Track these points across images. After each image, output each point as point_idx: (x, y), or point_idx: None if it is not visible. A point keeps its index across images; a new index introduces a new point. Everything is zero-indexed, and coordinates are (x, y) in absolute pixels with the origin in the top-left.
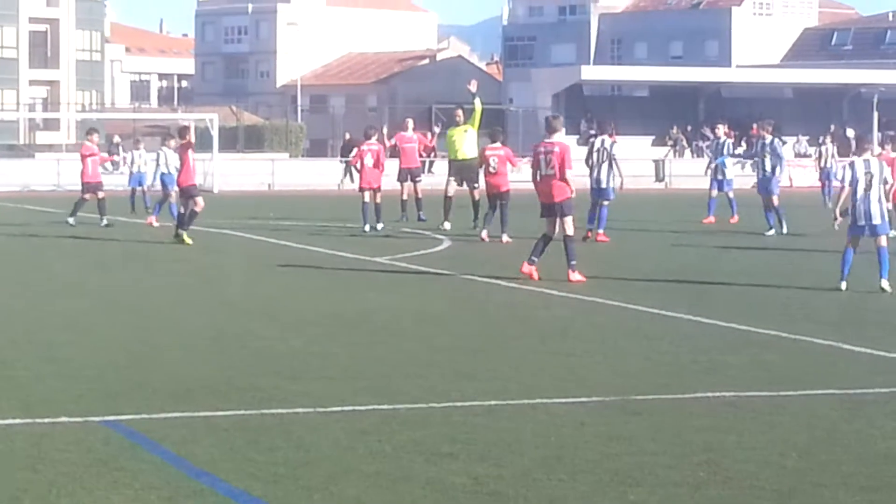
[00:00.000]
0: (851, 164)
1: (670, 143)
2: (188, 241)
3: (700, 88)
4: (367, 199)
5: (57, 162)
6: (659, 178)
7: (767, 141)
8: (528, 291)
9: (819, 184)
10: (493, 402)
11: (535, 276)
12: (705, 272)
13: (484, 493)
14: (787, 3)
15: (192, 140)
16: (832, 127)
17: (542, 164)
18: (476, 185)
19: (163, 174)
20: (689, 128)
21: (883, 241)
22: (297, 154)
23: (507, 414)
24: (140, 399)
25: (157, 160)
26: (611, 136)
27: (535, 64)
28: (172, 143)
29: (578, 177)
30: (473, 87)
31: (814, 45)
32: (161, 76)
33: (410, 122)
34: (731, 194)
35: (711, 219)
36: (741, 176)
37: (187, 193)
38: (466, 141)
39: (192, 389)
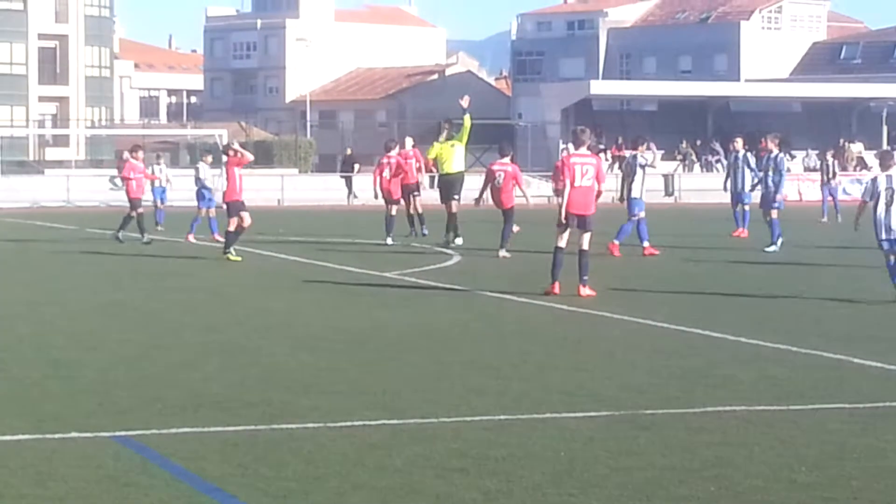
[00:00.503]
0: (874, 179)
1: (679, 157)
2: (235, 258)
3: (709, 103)
4: (393, 211)
5: (66, 178)
6: (668, 193)
7: (773, 155)
8: (538, 306)
9: (820, 198)
10: (502, 417)
11: (558, 290)
12: (714, 286)
13: None
14: (795, 17)
15: (246, 155)
16: (841, 141)
17: (578, 174)
18: (455, 197)
19: (202, 189)
20: (698, 142)
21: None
22: (307, 169)
23: (517, 429)
24: (150, 414)
25: (197, 174)
26: (619, 149)
27: (544, 79)
28: (210, 158)
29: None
30: (465, 102)
31: (823, 59)
32: (170, 92)
33: (409, 140)
34: (746, 207)
35: (740, 231)
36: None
37: (233, 209)
38: (454, 156)
39: (201, 405)
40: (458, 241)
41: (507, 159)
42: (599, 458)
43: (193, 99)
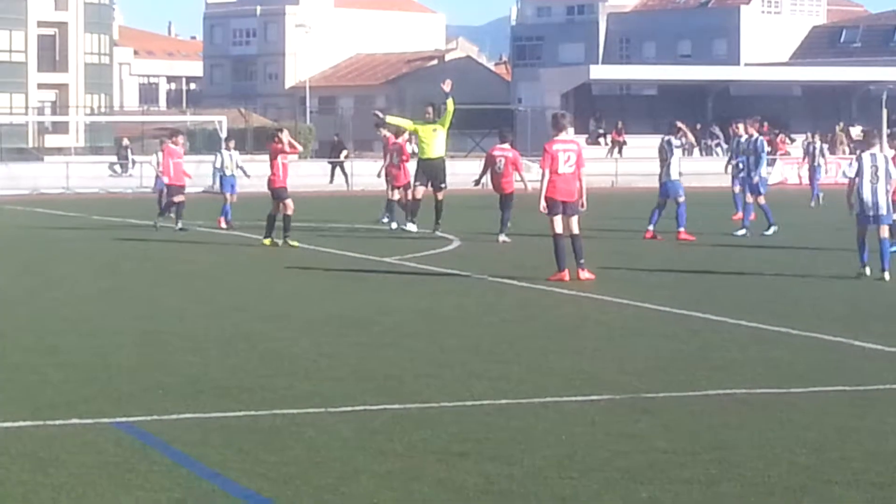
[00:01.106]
0: (859, 158)
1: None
2: (294, 243)
3: (709, 87)
4: (397, 196)
5: (66, 165)
6: None
7: (753, 139)
8: (538, 290)
9: (808, 181)
10: (503, 402)
11: (568, 276)
12: (713, 269)
13: (495, 493)
14: (795, 1)
15: (292, 147)
16: (841, 124)
17: (561, 161)
18: (443, 185)
19: (221, 177)
20: (698, 126)
21: (885, 231)
22: (306, 155)
23: (518, 413)
24: (151, 401)
25: (215, 162)
26: (619, 134)
27: (544, 64)
28: (232, 144)
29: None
30: (447, 86)
31: (822, 43)
32: (169, 79)
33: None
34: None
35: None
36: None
37: (277, 196)
38: (436, 140)
39: (202, 391)
40: (411, 227)
41: (507, 145)
42: (600, 441)
43: (193, 85)
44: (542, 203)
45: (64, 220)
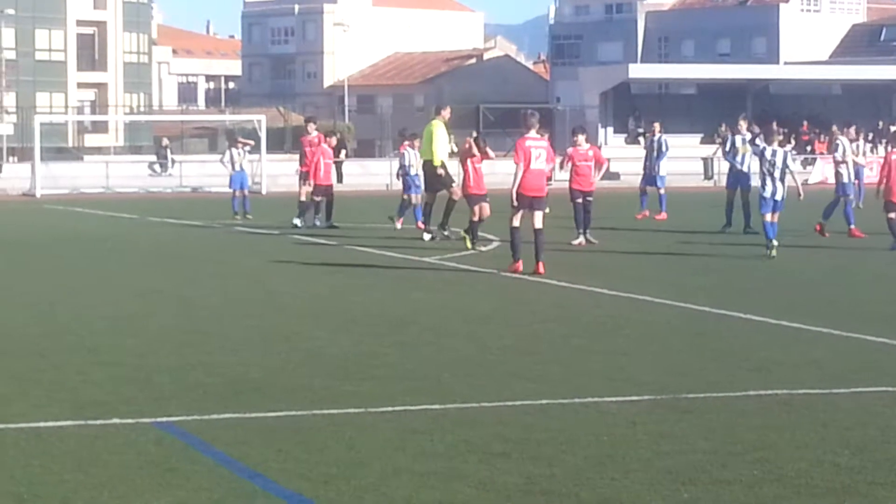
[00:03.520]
0: (762, 152)
1: (719, 140)
2: (476, 248)
3: (748, 86)
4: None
5: (106, 164)
6: (708, 177)
7: (655, 138)
8: (577, 290)
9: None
10: (544, 402)
11: (521, 267)
12: (754, 269)
13: (536, 493)
14: None
15: (488, 152)
16: (880, 124)
17: (533, 157)
18: (454, 183)
19: (406, 176)
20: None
21: (776, 216)
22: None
23: (559, 413)
24: (191, 400)
25: (402, 160)
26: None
27: (583, 62)
28: (417, 142)
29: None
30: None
31: (862, 41)
32: (208, 78)
33: (312, 126)
34: (662, 191)
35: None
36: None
37: (471, 201)
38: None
39: (242, 391)
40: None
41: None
42: (641, 442)
43: (231, 84)
44: (514, 196)
45: (104, 219)
